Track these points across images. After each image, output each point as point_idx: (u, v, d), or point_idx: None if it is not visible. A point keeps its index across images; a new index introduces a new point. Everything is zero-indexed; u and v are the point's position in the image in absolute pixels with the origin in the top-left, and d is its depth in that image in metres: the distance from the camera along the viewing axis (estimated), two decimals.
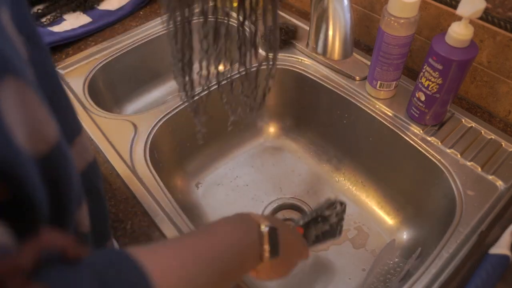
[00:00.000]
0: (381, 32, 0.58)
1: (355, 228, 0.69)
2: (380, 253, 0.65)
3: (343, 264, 0.65)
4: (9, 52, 0.22)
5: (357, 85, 0.70)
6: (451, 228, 0.51)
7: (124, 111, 0.84)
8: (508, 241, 0.48)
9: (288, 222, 0.56)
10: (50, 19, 0.82)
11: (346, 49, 0.59)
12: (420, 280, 0.47)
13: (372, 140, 0.69)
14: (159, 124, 0.65)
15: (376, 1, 0.71)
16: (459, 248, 0.49)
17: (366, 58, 0.74)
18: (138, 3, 0.87)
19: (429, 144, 0.61)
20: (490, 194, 0.55)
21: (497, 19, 0.57)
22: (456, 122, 0.63)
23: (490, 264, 0.46)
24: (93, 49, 0.78)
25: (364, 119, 0.67)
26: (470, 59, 0.53)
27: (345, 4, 0.54)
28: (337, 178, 0.76)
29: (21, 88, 0.22)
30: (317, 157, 0.80)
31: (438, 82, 0.56)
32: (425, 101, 0.59)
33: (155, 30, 0.83)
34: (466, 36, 0.51)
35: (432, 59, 0.54)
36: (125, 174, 0.57)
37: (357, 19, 0.76)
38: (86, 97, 0.69)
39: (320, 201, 0.55)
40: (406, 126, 0.63)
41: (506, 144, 0.60)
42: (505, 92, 0.62)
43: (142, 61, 0.82)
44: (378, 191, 0.72)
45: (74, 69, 0.74)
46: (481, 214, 0.52)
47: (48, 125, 0.25)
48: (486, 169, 0.57)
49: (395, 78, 0.64)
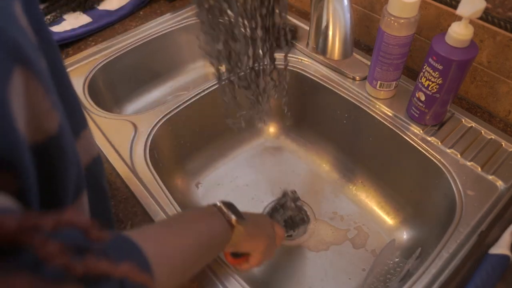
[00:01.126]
0: (381, 32, 0.58)
1: (355, 228, 0.69)
2: (380, 253, 0.65)
3: (343, 264, 0.65)
4: (22, 41, 0.22)
5: (357, 85, 0.70)
6: (451, 228, 0.51)
7: (124, 111, 0.84)
8: (508, 241, 0.48)
9: None
10: (50, 19, 0.82)
11: (346, 49, 0.59)
12: (420, 280, 0.47)
13: (372, 140, 0.69)
14: (159, 124, 0.65)
15: (376, 1, 0.71)
16: (459, 248, 0.49)
17: (366, 58, 0.74)
18: (138, 3, 0.87)
19: (429, 144, 0.61)
20: (490, 194, 0.55)
21: (497, 19, 0.57)
22: (456, 122, 0.63)
23: (490, 264, 0.46)
24: (93, 49, 0.78)
25: (364, 119, 0.67)
26: (470, 59, 0.53)
27: (345, 4, 0.55)
28: (337, 178, 0.76)
29: (29, 78, 0.23)
30: (317, 157, 0.80)
31: (438, 82, 0.56)
32: (425, 101, 0.59)
33: (155, 30, 0.83)
34: (466, 36, 0.51)
35: (432, 59, 0.54)
36: (125, 174, 0.57)
37: (357, 19, 0.76)
38: (86, 97, 0.69)
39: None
40: (406, 126, 0.63)
41: (506, 144, 0.60)
42: (505, 92, 0.62)
43: (142, 61, 0.82)
44: (378, 191, 0.72)
45: (74, 69, 0.74)
46: (481, 214, 0.52)
47: (49, 117, 0.25)
48: (486, 169, 0.57)
49: (395, 78, 0.64)
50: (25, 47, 0.22)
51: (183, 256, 0.35)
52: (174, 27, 0.84)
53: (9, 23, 0.21)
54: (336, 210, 0.72)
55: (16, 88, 0.21)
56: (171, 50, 0.86)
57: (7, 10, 0.22)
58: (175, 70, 0.89)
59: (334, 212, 0.72)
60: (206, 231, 0.40)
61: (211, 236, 0.40)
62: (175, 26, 0.84)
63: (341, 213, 0.71)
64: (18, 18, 0.23)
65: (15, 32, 0.21)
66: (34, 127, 0.24)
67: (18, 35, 0.22)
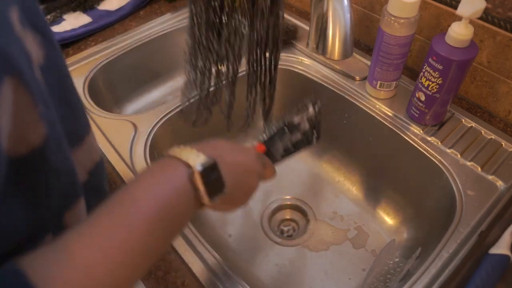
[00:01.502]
0: (381, 32, 0.58)
1: (355, 228, 0.69)
2: (380, 253, 0.65)
3: (343, 264, 0.65)
4: (13, 52, 0.22)
5: (357, 85, 0.70)
6: (451, 228, 0.51)
7: (124, 111, 0.84)
8: (508, 241, 0.48)
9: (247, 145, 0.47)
10: (50, 19, 0.82)
11: (346, 49, 0.59)
12: (420, 280, 0.47)
13: (372, 140, 0.69)
14: (159, 124, 0.65)
15: (376, 1, 0.71)
16: (459, 248, 0.49)
17: (366, 58, 0.74)
18: (138, 3, 0.87)
19: (429, 144, 0.61)
20: (490, 194, 0.55)
21: (497, 19, 0.57)
22: (456, 122, 0.63)
23: (490, 264, 0.46)
24: (93, 49, 0.78)
25: (364, 119, 0.67)
26: (470, 59, 0.53)
27: (345, 4, 0.54)
28: (337, 178, 0.76)
29: (17, 88, 0.22)
30: (317, 157, 0.80)
31: (438, 82, 0.56)
32: (425, 101, 0.59)
33: (155, 30, 0.83)
34: (466, 36, 0.51)
35: (432, 59, 0.54)
36: (125, 174, 0.57)
37: (357, 19, 0.76)
38: (86, 97, 0.69)
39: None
40: (406, 126, 0.63)
41: (506, 144, 0.60)
42: (505, 92, 0.62)
43: (142, 61, 0.82)
44: (378, 191, 0.72)
45: (74, 69, 0.74)
46: (481, 214, 0.52)
47: (35, 128, 0.24)
48: (486, 169, 0.57)
49: (395, 78, 0.64)
50: (16, 57, 0.22)
51: (127, 250, 0.26)
52: (174, 27, 0.84)
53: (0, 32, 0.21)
54: (336, 210, 0.72)
55: (4, 99, 0.21)
56: (171, 50, 0.86)
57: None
58: (175, 70, 0.89)
59: (334, 212, 0.72)
60: (160, 230, 0.28)
61: (172, 221, 0.30)
62: (175, 26, 0.84)
63: (341, 213, 0.71)
64: (11, 25, 0.22)
65: (5, 42, 0.21)
66: (17, 138, 0.23)
67: (9, 45, 0.22)
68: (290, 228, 0.71)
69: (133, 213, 0.27)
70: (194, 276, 0.47)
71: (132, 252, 0.27)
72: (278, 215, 0.73)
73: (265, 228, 0.70)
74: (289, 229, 0.71)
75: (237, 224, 0.70)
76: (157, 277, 0.47)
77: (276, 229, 0.71)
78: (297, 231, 0.70)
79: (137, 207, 0.28)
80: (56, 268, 0.24)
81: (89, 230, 0.26)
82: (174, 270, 0.48)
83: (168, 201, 0.29)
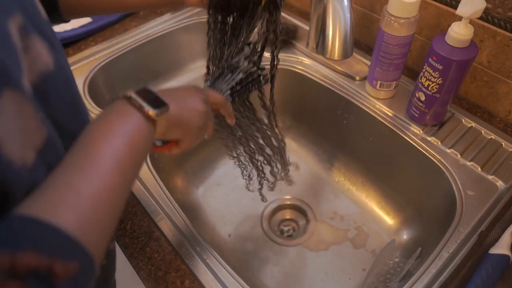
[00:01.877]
0: (381, 32, 0.58)
1: (355, 228, 0.69)
2: (380, 253, 0.65)
3: (343, 264, 0.65)
4: (10, 64, 0.22)
5: (357, 85, 0.70)
6: (451, 228, 0.51)
7: None
8: (508, 241, 0.48)
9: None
10: None
11: (346, 49, 0.59)
12: (420, 280, 0.47)
13: (372, 140, 0.69)
14: None
15: (376, 1, 0.71)
16: (459, 248, 0.49)
17: (366, 58, 0.74)
18: None
19: (429, 144, 0.61)
20: (490, 194, 0.55)
21: (497, 19, 0.57)
22: (456, 122, 0.63)
23: (490, 264, 0.46)
24: (93, 49, 0.78)
25: (364, 119, 0.67)
26: (470, 59, 0.53)
27: (345, 4, 0.54)
28: (337, 178, 0.76)
29: (18, 99, 0.23)
30: (317, 157, 0.80)
31: (438, 82, 0.56)
32: (425, 101, 0.59)
33: (155, 30, 0.83)
34: (466, 36, 0.51)
35: (432, 59, 0.54)
36: None
37: (357, 19, 0.76)
38: (86, 97, 0.69)
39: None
40: (406, 126, 0.63)
41: (506, 144, 0.60)
42: (505, 92, 0.62)
43: (142, 61, 0.82)
44: (378, 191, 0.72)
45: (74, 69, 0.74)
46: (481, 214, 0.52)
47: (37, 133, 0.25)
48: (486, 169, 0.57)
49: (395, 78, 0.64)
50: (13, 69, 0.22)
51: (107, 194, 0.28)
52: (174, 27, 0.84)
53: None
54: (336, 210, 0.72)
55: (5, 110, 0.21)
56: (171, 50, 0.86)
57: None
58: (175, 70, 0.89)
59: (334, 212, 0.72)
60: (123, 146, 0.30)
61: (132, 149, 0.31)
62: (175, 26, 0.84)
63: (341, 213, 0.71)
64: (11, 38, 0.23)
65: (3, 54, 0.22)
66: (26, 144, 0.24)
67: (6, 57, 0.22)
68: (290, 228, 0.71)
69: (108, 155, 0.29)
70: (194, 276, 0.47)
71: (116, 190, 0.29)
72: (278, 215, 0.73)
73: (265, 228, 0.70)
74: (289, 229, 0.71)
75: (237, 224, 0.70)
76: (157, 277, 0.47)
77: (276, 229, 0.71)
78: (297, 231, 0.70)
79: (111, 152, 0.30)
80: (63, 205, 0.25)
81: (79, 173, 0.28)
82: (174, 270, 0.48)
83: (131, 139, 0.31)
